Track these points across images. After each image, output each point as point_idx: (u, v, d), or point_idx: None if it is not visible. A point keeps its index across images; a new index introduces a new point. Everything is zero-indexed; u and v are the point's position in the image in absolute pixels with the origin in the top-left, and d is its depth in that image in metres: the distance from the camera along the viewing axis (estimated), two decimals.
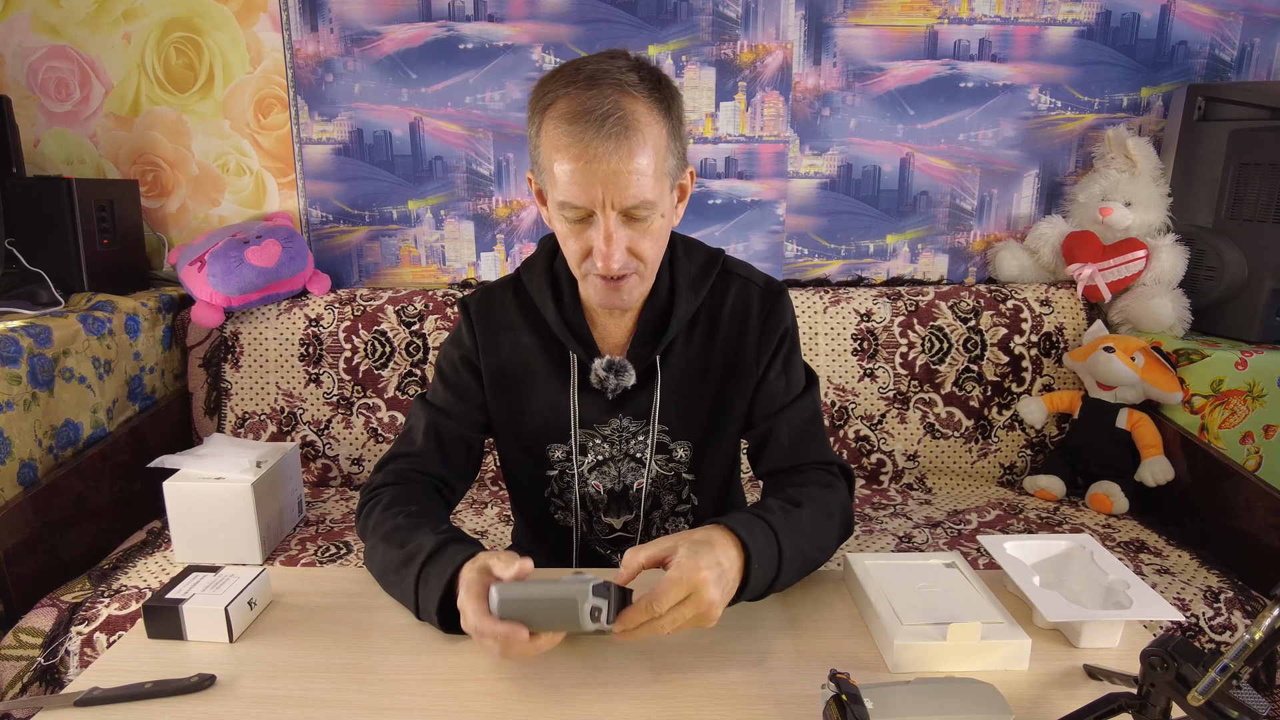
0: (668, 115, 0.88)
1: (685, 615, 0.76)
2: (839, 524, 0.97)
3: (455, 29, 2.00)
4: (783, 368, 1.04)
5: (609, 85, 0.84)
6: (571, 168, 0.84)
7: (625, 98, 0.84)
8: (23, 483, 1.47)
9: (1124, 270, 1.87)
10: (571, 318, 1.02)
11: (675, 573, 0.76)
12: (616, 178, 0.84)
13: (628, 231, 0.88)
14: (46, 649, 1.32)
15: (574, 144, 0.83)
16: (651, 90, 0.87)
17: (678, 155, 0.91)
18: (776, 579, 0.86)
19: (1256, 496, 1.53)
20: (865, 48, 2.01)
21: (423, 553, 0.86)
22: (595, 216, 0.87)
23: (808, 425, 1.05)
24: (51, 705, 0.74)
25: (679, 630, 0.77)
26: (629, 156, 0.84)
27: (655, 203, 0.88)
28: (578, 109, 0.83)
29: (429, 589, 0.84)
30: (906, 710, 0.65)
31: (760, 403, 1.04)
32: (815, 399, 1.07)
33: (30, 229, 1.78)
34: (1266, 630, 0.55)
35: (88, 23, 2.00)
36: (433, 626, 0.85)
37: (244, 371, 1.93)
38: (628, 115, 0.83)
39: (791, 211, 2.10)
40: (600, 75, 0.85)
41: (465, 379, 1.07)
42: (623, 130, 0.83)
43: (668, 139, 0.88)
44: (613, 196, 0.85)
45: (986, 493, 1.86)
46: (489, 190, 2.09)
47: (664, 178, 0.88)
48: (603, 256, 0.88)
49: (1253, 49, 2.00)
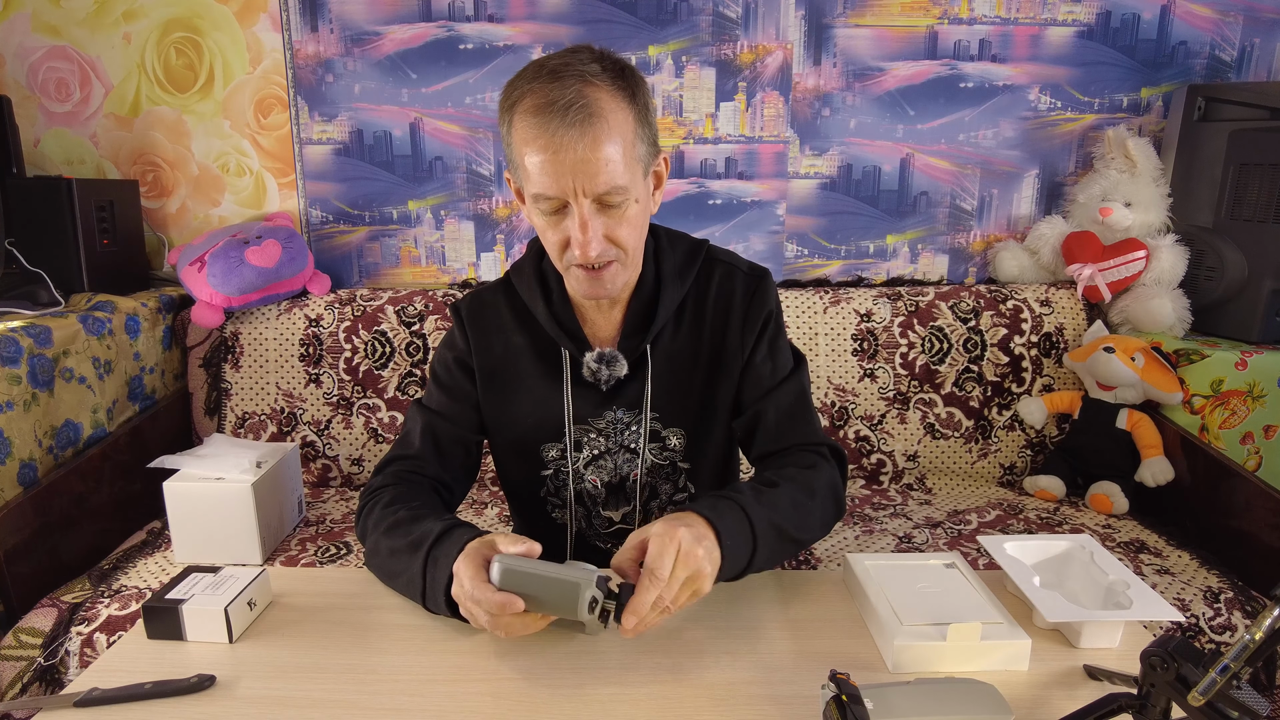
0: (633, 101, 0.89)
1: (680, 577, 0.77)
2: (824, 503, 0.97)
3: (455, 29, 2.00)
4: (768, 350, 1.05)
5: (571, 77, 0.86)
6: (540, 159, 0.86)
7: (588, 87, 0.86)
8: (23, 483, 1.47)
9: (1124, 270, 1.87)
10: (561, 314, 1.03)
11: (657, 540, 0.78)
12: (585, 165, 0.86)
13: (603, 219, 0.90)
14: (46, 649, 1.32)
15: (540, 135, 0.85)
16: (615, 78, 0.88)
17: (647, 141, 0.92)
18: (754, 555, 0.87)
19: (1256, 496, 1.53)
20: (865, 48, 2.01)
21: (430, 537, 0.86)
22: (570, 206, 0.89)
23: (794, 406, 1.05)
24: (51, 705, 0.74)
25: (680, 606, 0.79)
26: (595, 144, 0.85)
27: (627, 188, 0.89)
28: (542, 101, 0.85)
29: (438, 570, 0.84)
30: (906, 710, 0.65)
31: (747, 386, 1.05)
32: (802, 380, 1.07)
33: (30, 229, 1.78)
34: (1266, 630, 0.55)
35: (88, 23, 2.00)
36: (439, 614, 0.85)
37: (244, 372, 1.93)
38: (591, 103, 0.85)
39: (791, 212, 2.11)
40: (563, 69, 0.87)
41: (459, 381, 1.07)
42: (586, 118, 0.85)
43: (635, 125, 0.89)
44: (583, 184, 0.87)
45: (986, 493, 1.86)
46: (489, 190, 2.09)
47: (634, 163, 0.90)
48: (580, 245, 0.89)
49: (1253, 49, 2.00)
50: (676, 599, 0.78)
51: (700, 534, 0.80)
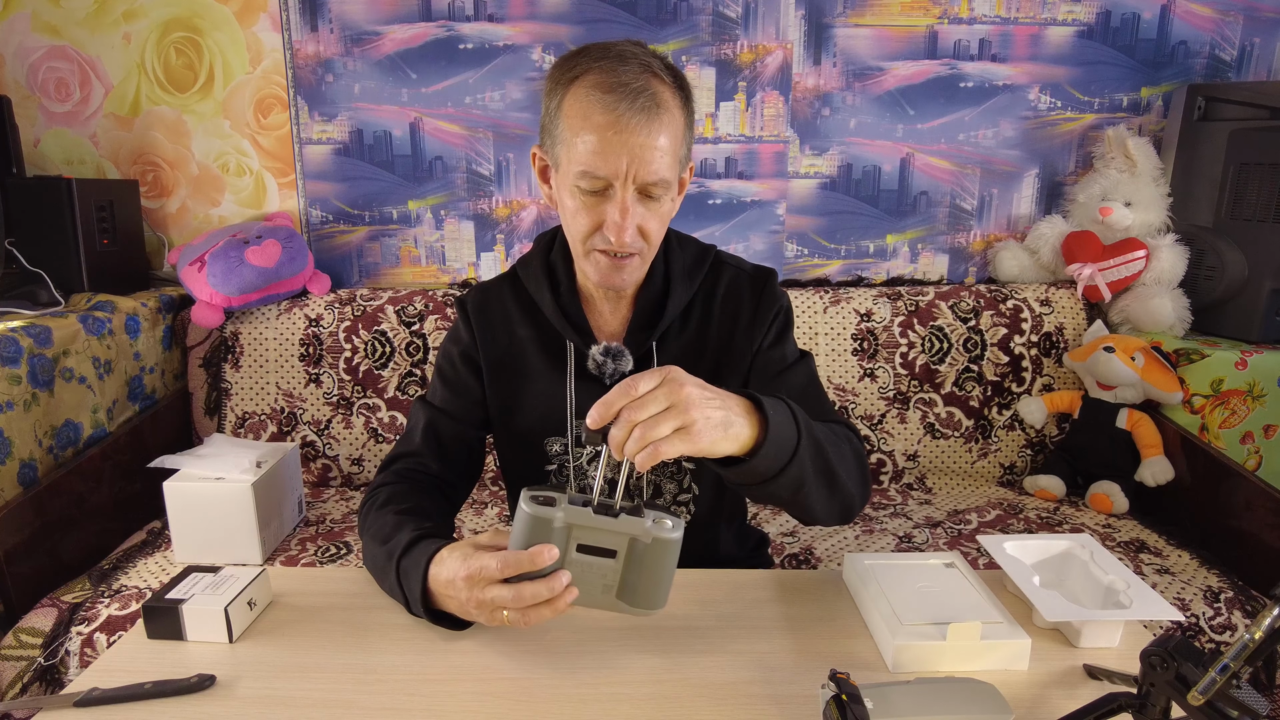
0: (685, 106, 0.92)
1: (657, 396, 0.72)
2: (856, 459, 0.93)
3: (455, 29, 2.00)
4: (776, 339, 1.05)
5: (638, 65, 0.88)
6: (598, 137, 0.87)
7: (654, 79, 0.88)
8: (23, 483, 1.47)
9: (1124, 270, 1.87)
10: (568, 306, 1.03)
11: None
12: (643, 151, 0.87)
13: (641, 209, 0.91)
14: (46, 649, 1.32)
15: (606, 112, 0.86)
16: (674, 80, 0.91)
17: (688, 146, 0.95)
18: (799, 442, 0.81)
19: (1256, 496, 1.53)
20: (865, 48, 2.01)
21: (399, 550, 0.86)
22: (612, 190, 0.89)
23: (807, 388, 1.05)
24: (51, 705, 0.74)
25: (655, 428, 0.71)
26: (656, 132, 0.87)
27: (670, 183, 0.91)
28: (612, 80, 0.86)
29: (410, 583, 0.84)
30: (906, 710, 0.65)
31: (757, 373, 1.05)
32: (811, 367, 1.07)
33: (30, 229, 1.78)
34: (1266, 630, 0.55)
35: (88, 23, 2.00)
36: (426, 621, 0.85)
37: (244, 371, 1.93)
38: (657, 94, 0.87)
39: (791, 211, 2.10)
40: (629, 55, 0.88)
41: (464, 375, 1.08)
42: (654, 107, 0.87)
43: (684, 128, 0.92)
44: (636, 169, 0.87)
45: (986, 493, 1.86)
46: (489, 190, 2.09)
47: (677, 164, 0.92)
48: (616, 229, 0.90)
49: (1253, 49, 2.00)
50: (653, 424, 0.72)
51: (704, 385, 0.76)
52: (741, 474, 0.80)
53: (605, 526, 0.73)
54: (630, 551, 0.74)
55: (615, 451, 0.73)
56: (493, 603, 0.76)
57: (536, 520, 0.73)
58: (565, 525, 0.73)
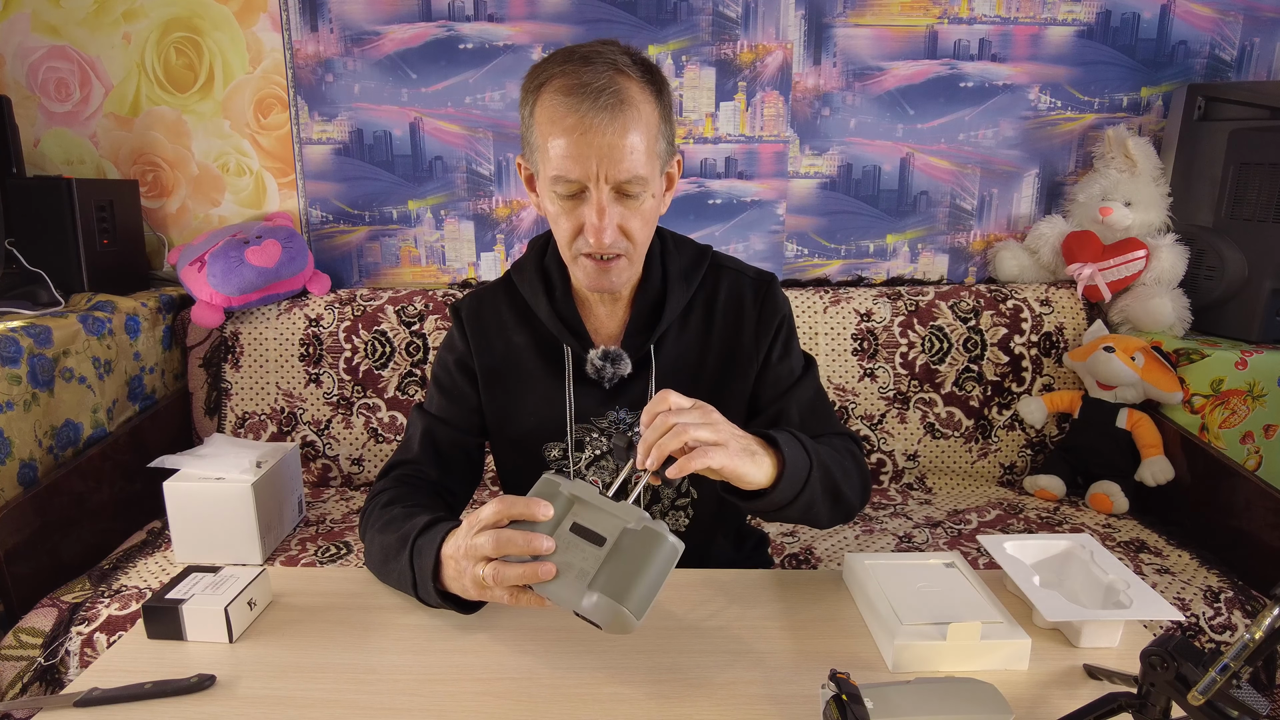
0: (659, 98, 0.91)
1: (693, 412, 0.79)
2: (858, 470, 0.99)
3: (455, 29, 2.00)
4: (784, 351, 1.06)
5: (603, 64, 0.87)
6: (566, 140, 0.86)
7: (620, 76, 0.87)
8: (23, 483, 1.47)
9: (1124, 270, 1.87)
10: (564, 311, 1.03)
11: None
12: (611, 150, 0.86)
13: (619, 209, 0.90)
14: (46, 649, 1.32)
15: (570, 114, 0.86)
16: (644, 73, 0.90)
17: (667, 140, 0.93)
18: (810, 471, 0.87)
19: (1256, 496, 1.53)
20: (865, 48, 2.01)
21: (415, 529, 0.87)
22: (588, 192, 0.89)
23: (814, 401, 1.06)
24: (51, 705, 0.74)
25: (691, 430, 0.77)
26: (623, 130, 0.86)
27: (647, 179, 0.90)
28: (574, 83, 0.86)
29: (423, 559, 0.84)
30: (906, 710, 0.65)
31: (767, 387, 1.05)
32: (817, 379, 1.09)
33: (30, 229, 1.78)
34: (1266, 630, 0.55)
35: (88, 23, 2.00)
36: (434, 605, 0.85)
37: (244, 371, 1.93)
38: (622, 91, 0.86)
39: (791, 211, 2.10)
40: (595, 56, 0.87)
41: (460, 383, 1.07)
42: (618, 104, 0.85)
43: (659, 121, 0.91)
44: (606, 169, 0.87)
45: (986, 493, 1.86)
46: (489, 190, 2.09)
47: (654, 158, 0.91)
48: (594, 231, 0.89)
49: (1253, 49, 2.00)
50: (690, 427, 0.77)
51: (741, 433, 0.82)
52: (759, 505, 0.85)
53: (605, 508, 0.76)
54: (619, 541, 0.75)
55: (644, 451, 0.76)
56: (476, 550, 0.76)
57: (545, 481, 0.79)
58: (569, 497, 0.78)
